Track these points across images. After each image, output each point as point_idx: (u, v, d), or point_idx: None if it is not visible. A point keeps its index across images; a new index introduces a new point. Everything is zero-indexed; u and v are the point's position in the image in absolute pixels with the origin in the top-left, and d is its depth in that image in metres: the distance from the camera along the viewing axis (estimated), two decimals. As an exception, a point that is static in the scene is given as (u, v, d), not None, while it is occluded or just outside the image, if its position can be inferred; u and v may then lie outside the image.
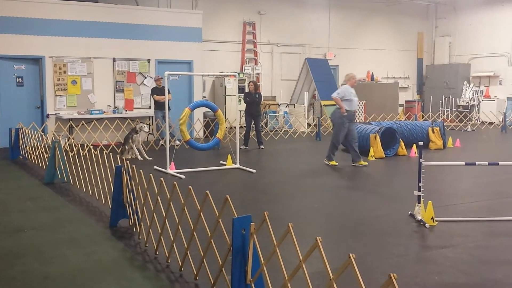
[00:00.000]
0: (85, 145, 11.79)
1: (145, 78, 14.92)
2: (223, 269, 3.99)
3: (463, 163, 6.83)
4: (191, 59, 15.53)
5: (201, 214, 4.28)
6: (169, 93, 10.90)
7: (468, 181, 9.01)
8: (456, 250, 5.30)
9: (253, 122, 13.23)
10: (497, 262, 4.91)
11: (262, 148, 13.19)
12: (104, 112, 14.08)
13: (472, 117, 20.15)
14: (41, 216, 6.65)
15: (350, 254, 2.81)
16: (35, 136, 10.71)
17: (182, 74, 14.92)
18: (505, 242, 5.57)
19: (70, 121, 13.34)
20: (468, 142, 14.50)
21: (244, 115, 13.60)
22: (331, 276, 2.95)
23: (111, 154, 7.11)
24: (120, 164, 6.01)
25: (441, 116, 19.97)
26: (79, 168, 8.02)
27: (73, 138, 12.48)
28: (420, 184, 6.19)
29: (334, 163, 10.57)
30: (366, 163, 10.51)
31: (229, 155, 10.54)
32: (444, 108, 20.90)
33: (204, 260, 4.23)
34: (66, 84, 13.86)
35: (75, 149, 9.05)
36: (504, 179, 8.96)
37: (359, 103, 18.76)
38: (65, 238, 5.68)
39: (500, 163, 6.61)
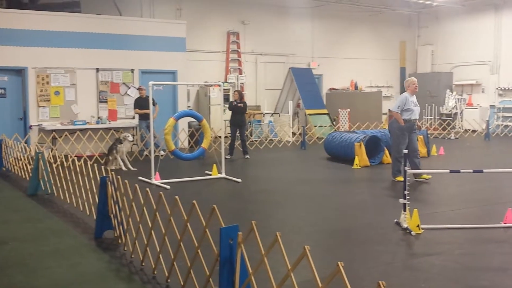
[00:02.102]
0: (69, 156, 11.65)
1: (129, 88, 14.84)
2: (210, 279, 3.95)
3: (448, 170, 6.88)
4: (175, 69, 15.50)
5: (188, 224, 4.24)
6: (155, 104, 10.83)
7: (453, 188, 9.08)
8: (443, 257, 5.32)
9: (238, 132, 13.23)
10: (483, 269, 4.94)
11: (248, 158, 13.17)
12: (88, 122, 13.96)
13: (455, 125, 20.38)
14: (24, 228, 6.55)
15: (339, 263, 2.80)
16: (18, 147, 10.57)
17: (166, 84, 14.86)
18: (491, 249, 5.61)
19: (53, 132, 13.20)
20: (452, 150, 14.64)
21: (229, 125, 13.59)
22: (320, 284, 2.94)
23: (95, 165, 7.03)
24: (105, 175, 5.95)
25: (425, 125, 20.16)
26: (62, 180, 7.93)
27: (56, 149, 12.34)
28: (406, 192, 6.21)
29: (400, 178, 8.79)
30: (430, 176, 9.48)
31: (215, 165, 10.50)
32: (428, 116, 21.12)
33: (191, 270, 4.18)
34: (49, 95, 13.72)
35: (58, 160, 8.94)
36: (489, 186, 9.05)
37: (344, 111, 18.89)
38: (49, 250, 5.60)
39: (484, 170, 6.68)
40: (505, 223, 6.35)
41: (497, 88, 20.82)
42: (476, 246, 5.69)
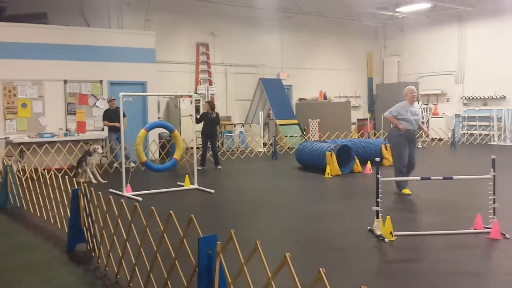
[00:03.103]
0: (38, 169, 11.41)
1: (98, 100, 14.66)
2: (188, 290, 3.91)
3: (419, 178, 7.00)
4: (144, 80, 15.40)
5: (165, 234, 4.20)
6: (124, 116, 10.68)
7: (424, 196, 9.24)
8: (417, 263, 5.40)
9: (209, 143, 13.19)
10: (458, 273, 5.03)
11: (219, 168, 13.14)
12: (56, 135, 13.71)
13: (422, 134, 20.78)
14: (-6, 242, 6.37)
15: (320, 269, 2.82)
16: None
17: (137, 95, 14.75)
18: (463, 254, 5.71)
19: (21, 145, 12.90)
20: (420, 158, 14.80)
21: (200, 136, 13.54)
22: (302, 292, 2.94)
23: (66, 177, 6.90)
24: (76, 187, 5.85)
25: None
26: (32, 193, 7.76)
27: (24, 162, 12.06)
28: (378, 200, 6.30)
29: (406, 191, 9.05)
30: (411, 193, 9.08)
31: (187, 176, 10.44)
32: (395, 125, 21.44)
33: (168, 281, 4.13)
34: (16, 107, 13.44)
35: (28, 173, 8.74)
36: (458, 193, 9.24)
37: (314, 121, 19.05)
38: (21, 264, 5.46)
39: (454, 177, 6.82)
40: (475, 229, 6.49)
41: (461, 98, 21.38)
42: (448, 252, 5.79)
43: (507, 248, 5.84)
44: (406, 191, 9.08)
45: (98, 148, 11.38)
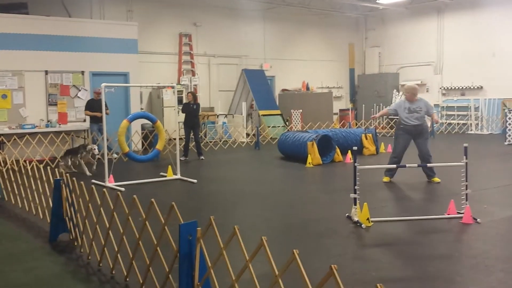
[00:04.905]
0: (19, 160, 11.39)
1: (79, 91, 14.63)
2: (170, 276, 4.03)
3: (395, 166, 7.20)
4: (127, 71, 15.38)
5: (147, 223, 4.31)
6: (107, 108, 10.71)
7: (400, 183, 9.46)
8: (392, 247, 5.60)
9: (192, 133, 13.26)
10: (429, 257, 5.22)
11: (202, 159, 13.24)
12: (37, 126, 13.68)
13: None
14: (-25, 234, 6.41)
15: (294, 250, 2.96)
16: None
17: (119, 86, 14.73)
18: (436, 238, 5.93)
19: (1, 137, 12.85)
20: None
21: (183, 126, 13.60)
22: (277, 272, 3.09)
23: (48, 168, 6.95)
24: (59, 177, 5.91)
25: (373, 124, 20.76)
26: (14, 184, 7.78)
27: (5, 153, 12.02)
28: (356, 187, 6.48)
29: (386, 179, 9.50)
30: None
31: (170, 166, 10.52)
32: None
33: (151, 268, 4.25)
34: (-5, 98, 13.37)
35: (9, 165, 8.76)
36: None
37: (296, 111, 19.21)
38: (2, 255, 5.51)
39: (428, 165, 7.02)
40: (448, 214, 6.71)
41: (440, 88, 21.72)
42: (422, 236, 6.00)
43: (478, 232, 6.07)
44: (386, 179, 9.49)
45: (95, 149, 11.24)
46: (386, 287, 2.84)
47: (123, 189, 9.09)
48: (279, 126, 18.37)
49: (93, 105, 13.10)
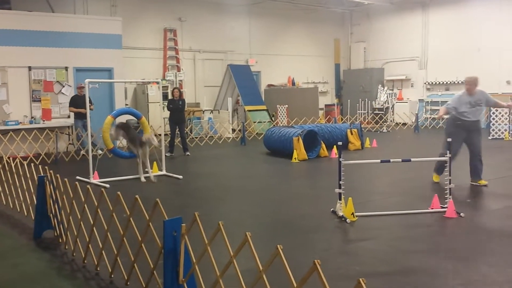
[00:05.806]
0: (3, 157, 11.27)
1: (63, 86, 14.50)
2: (154, 272, 4.03)
3: (379, 160, 7.26)
4: (111, 66, 15.28)
5: (131, 219, 4.30)
6: (91, 103, 10.65)
7: (384, 178, 9.54)
8: (376, 242, 5.65)
9: (177, 129, 13.23)
10: (413, 251, 5.28)
11: (188, 155, 13.21)
12: (21, 123, 13.54)
13: (387, 119, 21.25)
14: (-42, 232, 6.34)
15: (278, 246, 2.98)
16: None
17: (103, 81, 14.62)
18: (419, 232, 6.00)
19: (-16, 133, 12.71)
20: (384, 142, 15.30)
21: (168, 122, 13.55)
22: (261, 268, 3.10)
23: (32, 164, 6.89)
24: (42, 174, 5.87)
25: (359, 119, 20.89)
26: (-3, 181, 7.71)
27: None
28: (341, 182, 6.52)
29: (437, 178, 8.87)
30: (486, 183, 8.57)
31: (155, 162, 10.49)
32: (361, 110, 21.88)
33: (135, 264, 4.25)
34: (-22, 94, 13.19)
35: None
36: (417, 175, 9.57)
37: (282, 107, 19.24)
38: (-14, 252, 5.47)
39: (412, 159, 7.09)
40: (432, 208, 6.79)
41: (425, 83, 21.89)
42: (406, 231, 6.06)
43: (460, 226, 6.15)
44: (436, 178, 8.85)
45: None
46: (369, 281, 2.87)
47: (107, 185, 9.04)
48: (265, 122, 18.39)
49: (77, 101, 13.00)
